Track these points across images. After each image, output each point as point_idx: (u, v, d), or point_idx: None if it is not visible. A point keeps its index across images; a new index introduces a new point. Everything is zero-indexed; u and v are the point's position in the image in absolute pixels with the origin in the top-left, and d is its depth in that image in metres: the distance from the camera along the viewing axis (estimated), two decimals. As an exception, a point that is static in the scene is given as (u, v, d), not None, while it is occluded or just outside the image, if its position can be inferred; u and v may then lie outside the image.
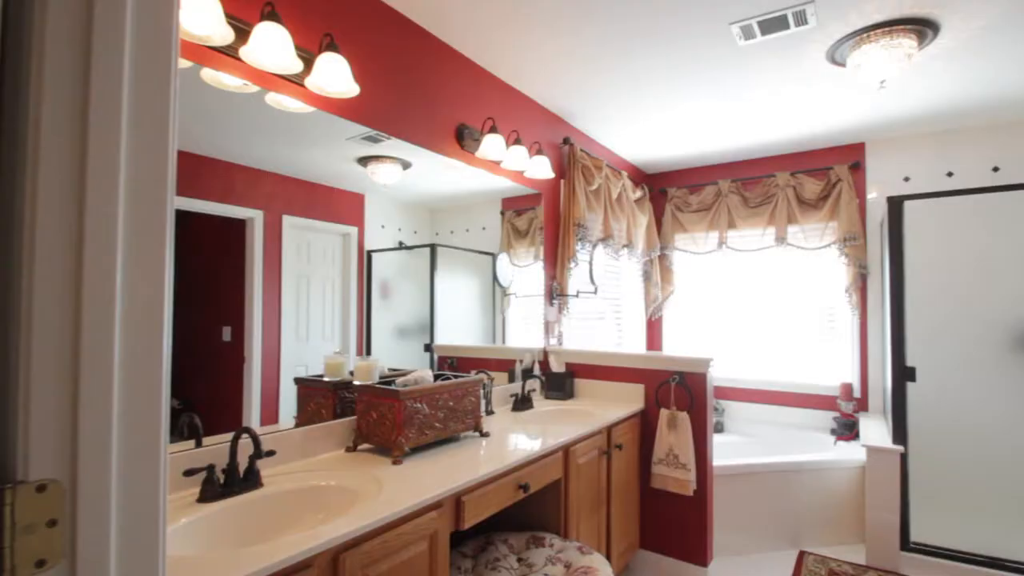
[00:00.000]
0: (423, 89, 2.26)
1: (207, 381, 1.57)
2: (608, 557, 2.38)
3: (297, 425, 1.77)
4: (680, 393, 2.61)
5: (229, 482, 1.43)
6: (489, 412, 2.42)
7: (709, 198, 4.11)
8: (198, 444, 1.51)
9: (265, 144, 1.70)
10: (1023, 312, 2.87)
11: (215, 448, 1.51)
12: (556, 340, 3.03)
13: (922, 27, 2.25)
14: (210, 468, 1.40)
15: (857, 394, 3.65)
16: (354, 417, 1.88)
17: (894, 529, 2.77)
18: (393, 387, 1.76)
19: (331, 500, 1.49)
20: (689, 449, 2.52)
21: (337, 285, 1.94)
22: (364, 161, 2.04)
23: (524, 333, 2.95)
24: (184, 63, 1.49)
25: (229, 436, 1.49)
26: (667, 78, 2.71)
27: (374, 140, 2.09)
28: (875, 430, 3.18)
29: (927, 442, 2.92)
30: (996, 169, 3.33)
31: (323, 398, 1.86)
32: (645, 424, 2.70)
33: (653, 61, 2.55)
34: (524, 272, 2.95)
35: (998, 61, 2.52)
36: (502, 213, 2.81)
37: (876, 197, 3.66)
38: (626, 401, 2.75)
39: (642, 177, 4.39)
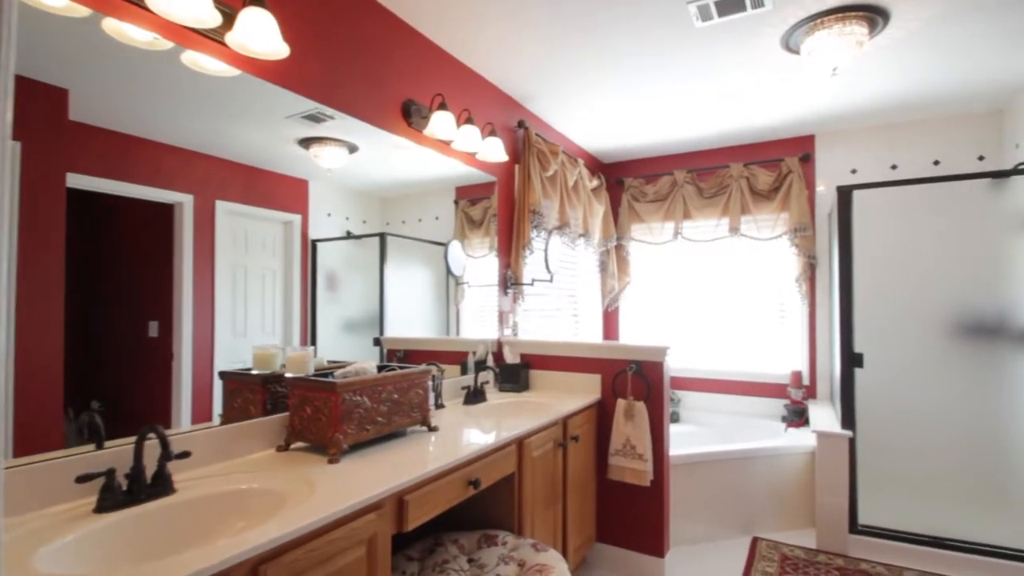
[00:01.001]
0: (365, 59, 2.10)
1: (133, 380, 1.43)
2: (564, 552, 2.30)
3: (223, 423, 1.60)
4: (637, 383, 2.55)
5: (134, 489, 1.25)
6: (439, 406, 2.30)
7: (665, 188, 4.10)
8: (99, 446, 1.32)
9: (192, 119, 1.54)
10: (963, 300, 2.97)
11: (120, 451, 1.33)
12: (511, 330, 2.93)
13: (873, 15, 2.25)
14: (109, 473, 1.22)
15: (806, 381, 3.72)
16: (287, 413, 1.72)
17: (843, 513, 2.81)
18: (330, 379, 1.61)
19: (254, 505, 1.33)
20: (646, 439, 2.47)
21: (279, 276, 1.80)
22: (306, 143, 1.90)
23: (479, 325, 2.84)
24: (82, 10, 1.29)
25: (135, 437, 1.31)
26: (624, 61, 2.64)
27: (316, 120, 1.93)
28: (824, 416, 3.23)
29: (874, 427, 2.99)
30: (937, 163, 3.44)
31: (251, 393, 1.69)
32: (602, 414, 2.64)
33: (610, 42, 2.47)
34: (479, 263, 2.83)
35: (942, 54, 2.58)
36: (456, 202, 2.70)
37: (824, 190, 3.73)
38: (583, 392, 2.68)
39: (599, 166, 4.34)
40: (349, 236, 2.07)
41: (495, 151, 2.57)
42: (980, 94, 3.06)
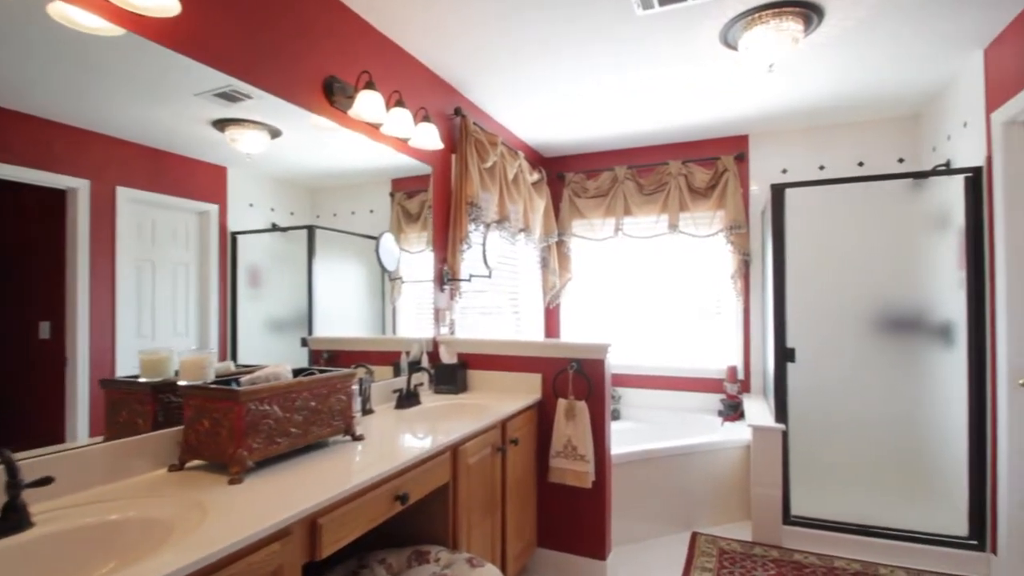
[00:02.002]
0: (279, 26, 1.89)
1: (20, 388, 1.24)
2: (504, 561, 2.18)
3: (107, 439, 1.37)
4: (578, 381, 2.47)
5: (-29, 527, 1.01)
6: (367, 411, 2.11)
7: (606, 184, 4.07)
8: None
9: (80, 91, 1.34)
10: (886, 296, 3.10)
11: (-45, 481, 1.08)
12: (448, 329, 2.78)
13: (809, 11, 2.27)
14: (-66, 511, 0.98)
15: (741, 376, 3.79)
16: (181, 427, 1.49)
17: (777, 505, 2.86)
18: (232, 387, 1.40)
19: (130, 539, 1.12)
20: (587, 439, 2.39)
21: (193, 272, 1.62)
22: (221, 126, 1.71)
23: (417, 323, 2.67)
24: None
25: (-30, 464, 1.07)
26: (565, 49, 2.55)
27: (230, 98, 1.74)
28: (758, 410, 3.29)
29: (805, 419, 3.06)
30: (861, 164, 3.59)
31: (139, 404, 1.46)
32: (542, 415, 2.54)
33: (551, 28, 2.37)
34: (416, 258, 2.67)
35: (870, 57, 2.65)
36: (392, 195, 2.53)
37: (758, 189, 3.81)
38: (523, 392, 2.57)
39: (539, 160, 4.26)
40: (274, 228, 1.91)
41: (429, 138, 2.41)
42: (901, 98, 3.20)
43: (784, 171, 3.75)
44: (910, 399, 3.07)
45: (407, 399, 2.27)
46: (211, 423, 1.40)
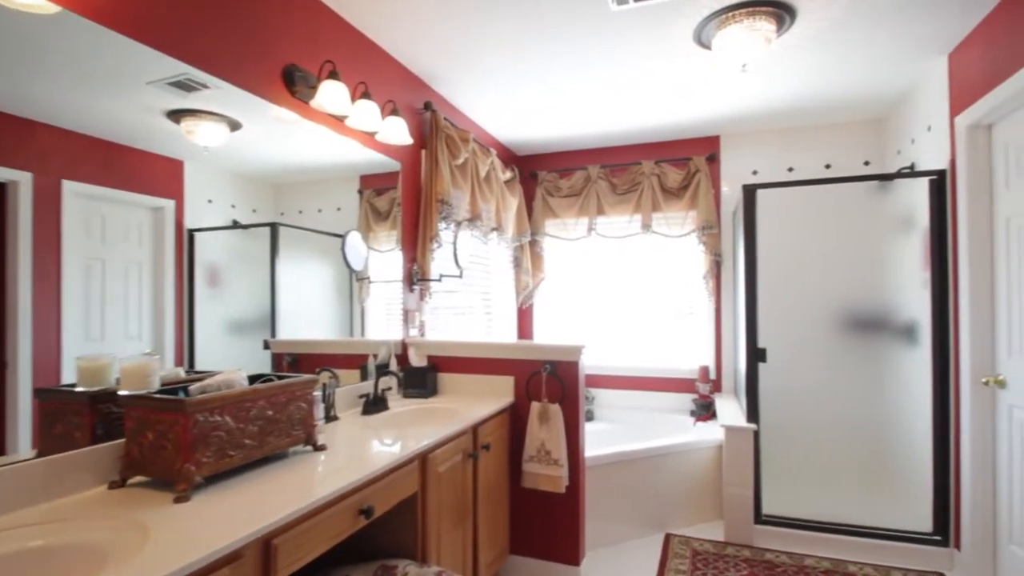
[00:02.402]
0: (235, 10, 1.77)
1: None
2: (475, 570, 2.11)
3: (39, 454, 1.25)
4: (552, 384, 2.41)
5: None
6: (331, 418, 2.01)
7: (579, 183, 4.03)
8: None
9: (17, 76, 1.23)
10: (853, 296, 3.14)
11: None
12: (417, 330, 2.69)
13: (781, 11, 2.27)
14: None
15: (713, 376, 3.80)
16: (123, 441, 1.38)
17: (749, 504, 2.86)
18: (178, 396, 1.30)
19: (59, 568, 1.01)
20: (561, 443, 2.34)
21: (146, 271, 1.53)
22: (176, 117, 1.61)
23: (386, 324, 2.58)
24: None
25: None
26: (539, 45, 2.49)
27: (185, 88, 1.64)
28: (729, 409, 3.30)
29: (775, 418, 3.08)
30: (828, 166, 3.64)
31: (76, 416, 1.33)
32: (515, 419, 2.47)
33: (525, 22, 2.31)
34: (385, 257, 2.57)
35: (840, 59, 2.67)
36: (360, 192, 2.44)
37: (728, 190, 3.83)
38: (495, 395, 2.50)
39: (512, 158, 4.19)
40: (235, 226, 1.81)
41: (397, 133, 2.32)
42: (868, 101, 3.25)
43: (754, 172, 3.78)
44: (877, 398, 3.12)
45: (374, 404, 2.18)
46: (155, 436, 1.29)
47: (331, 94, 1.95)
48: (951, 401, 2.60)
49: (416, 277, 2.64)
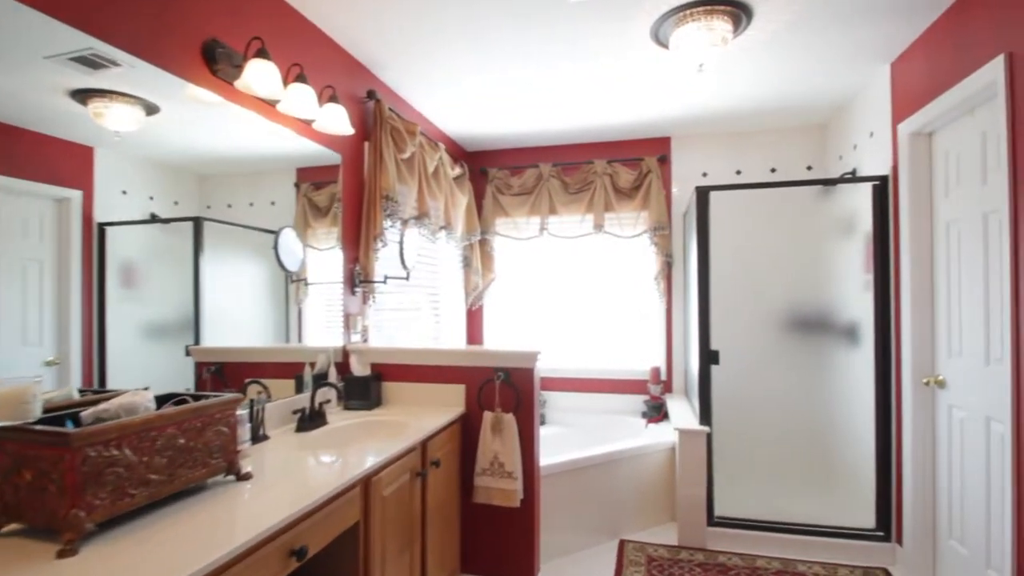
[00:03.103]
0: (146, -25, 1.53)
1: None
2: (423, 599, 1.95)
3: None
4: (505, 392, 2.29)
5: None
6: (260, 438, 1.80)
7: (531, 182, 3.93)
8: None
9: None
10: (799, 298, 3.20)
11: None
12: (360, 336, 2.49)
13: (739, 11, 2.23)
14: None
15: (664, 377, 3.79)
16: (-11, 482, 1.13)
17: (701, 507, 2.85)
18: (63, 428, 1.07)
19: None
20: (516, 455, 2.22)
21: (48, 270, 1.37)
22: (83, 97, 1.42)
23: (327, 330, 2.38)
24: None
25: None
26: (491, 34, 2.35)
27: (91, 64, 1.43)
28: (681, 411, 3.29)
29: (727, 420, 3.08)
30: (774, 170, 3.70)
31: (-73, 455, 1.08)
32: (467, 430, 2.33)
33: (477, 11, 2.16)
34: (325, 256, 2.37)
35: (789, 64, 2.68)
36: (297, 186, 2.24)
37: (679, 191, 3.83)
38: (445, 405, 2.35)
39: (462, 154, 4.03)
40: (154, 220, 1.63)
41: (337, 121, 2.12)
42: (813, 107, 3.31)
43: (704, 174, 3.80)
44: (823, 398, 3.19)
45: (311, 420, 1.97)
46: (35, 475, 1.07)
47: (259, 74, 1.73)
48: (893, 401, 2.67)
49: (359, 279, 2.44)
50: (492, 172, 4.01)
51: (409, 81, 2.83)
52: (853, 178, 2.81)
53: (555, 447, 3.58)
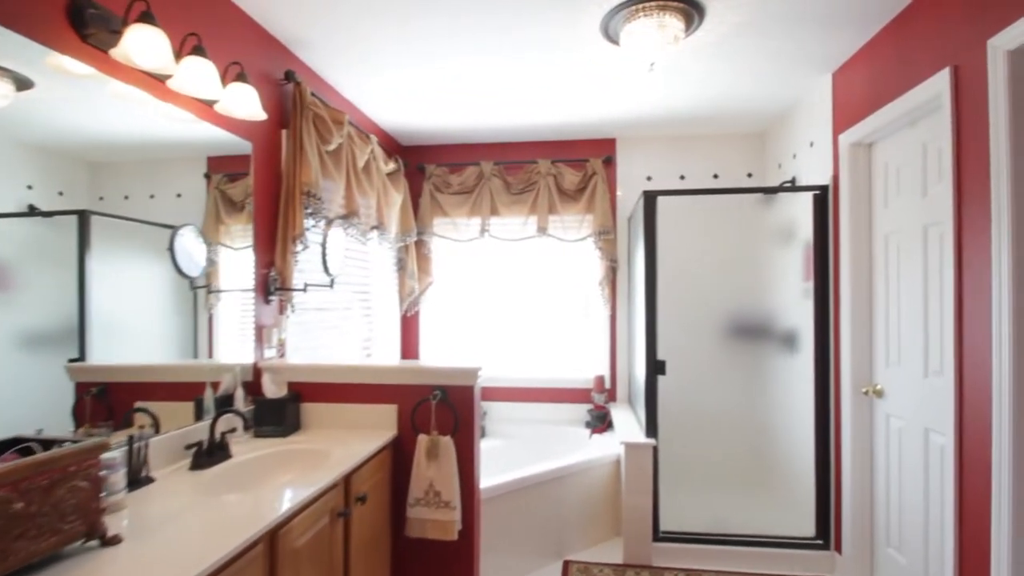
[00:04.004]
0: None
1: None
2: (346, 655, 1.70)
3: None
4: (443, 413, 2.07)
5: None
6: (142, 482, 1.49)
7: (471, 180, 3.71)
8: None
9: None
10: (741, 306, 3.18)
11: None
12: (276, 351, 2.19)
13: (691, 9, 2.12)
14: None
15: (608, 385, 3.70)
16: None
17: (647, 522, 2.76)
18: None
19: None
20: (453, 483, 2.01)
21: None
22: None
23: (242, 341, 2.08)
24: None
25: None
26: (430, 18, 2.12)
27: None
28: (626, 421, 3.20)
29: (672, 430, 3.01)
30: (716, 176, 3.69)
31: None
32: (399, 456, 2.09)
33: (409, -19, 1.93)
34: (241, 256, 2.07)
35: (736, 67, 2.62)
36: (208, 176, 1.96)
37: (623, 194, 3.74)
38: (375, 428, 2.10)
39: (397, 148, 3.76)
40: (32, 212, 1.39)
41: (244, 104, 1.82)
42: (755, 114, 3.30)
43: (649, 178, 3.74)
44: (765, 405, 3.19)
45: (209, 454, 1.68)
46: None
47: (141, 43, 1.42)
48: (832, 409, 2.68)
49: (274, 286, 2.14)
50: (430, 169, 3.76)
51: (336, 65, 2.54)
52: (796, 187, 2.81)
53: (496, 463, 3.40)
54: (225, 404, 1.90)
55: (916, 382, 2.15)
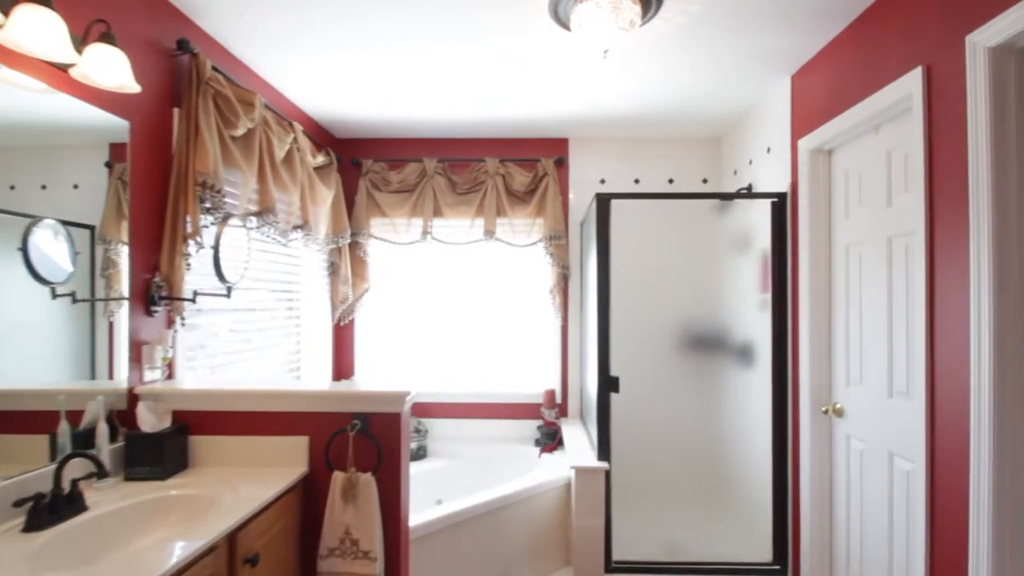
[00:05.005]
0: None
1: None
2: None
3: None
4: (363, 445, 1.77)
5: None
6: (-64, 560, 1.12)
7: (412, 177, 3.41)
8: None
9: None
10: (696, 318, 3.02)
11: None
12: (160, 373, 1.82)
13: (648, -11, 1.92)
14: None
15: (559, 400, 3.47)
16: None
17: (599, 552, 2.55)
18: None
19: None
20: (374, 529, 1.71)
21: None
22: None
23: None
24: None
25: None
26: (351, -21, 1.82)
27: None
28: (577, 440, 2.98)
29: (624, 448, 2.80)
30: (671, 181, 3.54)
31: None
32: (309, 498, 1.77)
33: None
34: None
35: (691, 63, 2.44)
36: (109, 165, 1.71)
37: (575, 198, 3.54)
38: (281, 465, 1.77)
39: (329, 140, 3.41)
40: None
41: (111, 71, 1.46)
42: (710, 117, 3.16)
43: (602, 181, 3.55)
44: (721, 423, 3.04)
45: (53, 510, 1.31)
46: None
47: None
48: (789, 428, 2.54)
49: (157, 295, 1.78)
50: (367, 164, 3.43)
51: (251, 40, 2.20)
52: (754, 194, 2.67)
53: (435, 488, 3.10)
54: (83, 441, 1.54)
55: (879, 402, 2.01)
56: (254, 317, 2.57)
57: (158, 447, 1.64)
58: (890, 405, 1.95)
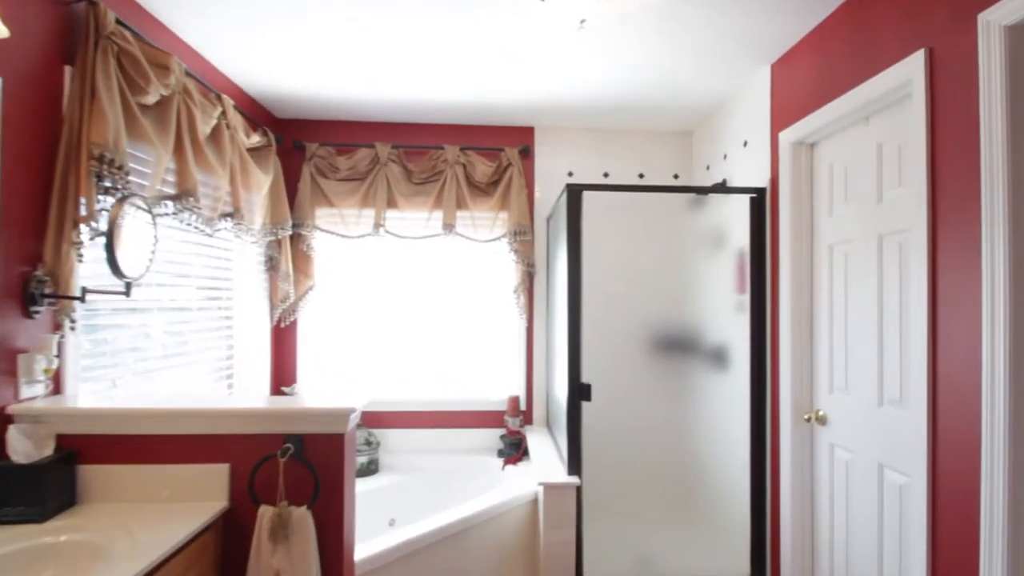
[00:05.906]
0: None
1: None
2: None
3: None
4: (296, 473, 1.48)
5: None
6: None
7: (364, 164, 3.11)
8: None
9: None
10: (670, 320, 2.86)
11: None
12: (42, 388, 1.48)
13: (630, -47, 1.72)
14: None
15: (524, 407, 3.25)
16: None
17: (570, 570, 2.34)
18: None
19: None
20: (311, 572, 1.43)
21: None
22: None
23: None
24: None
25: None
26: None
27: None
28: (544, 450, 2.77)
29: (594, 458, 2.60)
30: (642, 175, 3.38)
31: None
32: (229, 539, 1.47)
33: None
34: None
35: (667, 46, 2.26)
36: None
37: (542, 192, 3.33)
38: (194, 499, 1.46)
39: (267, 119, 3.05)
40: None
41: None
42: (682, 108, 3.01)
43: (570, 174, 3.35)
44: (697, 429, 2.89)
45: None
46: None
47: None
48: (768, 435, 2.41)
49: (39, 292, 1.43)
50: (312, 148, 3.10)
51: (170, -7, 1.86)
52: (733, 188, 2.53)
53: (388, 507, 2.82)
54: (-74, 481, 1.20)
55: (868, 411, 1.89)
56: (173, 318, 2.22)
57: (35, 481, 1.31)
58: (880, 414, 1.83)
